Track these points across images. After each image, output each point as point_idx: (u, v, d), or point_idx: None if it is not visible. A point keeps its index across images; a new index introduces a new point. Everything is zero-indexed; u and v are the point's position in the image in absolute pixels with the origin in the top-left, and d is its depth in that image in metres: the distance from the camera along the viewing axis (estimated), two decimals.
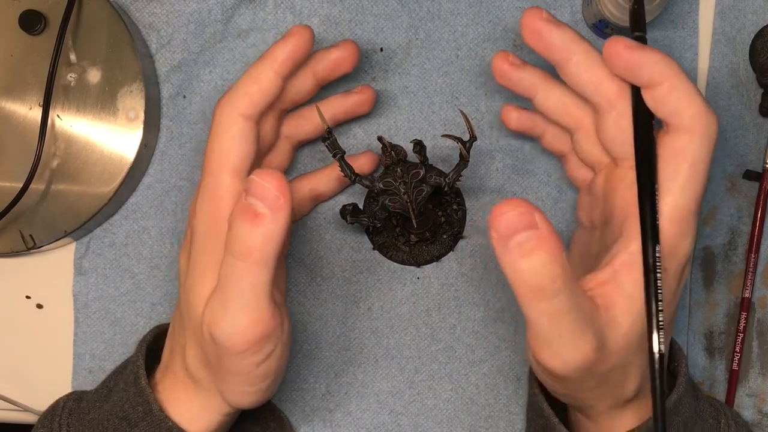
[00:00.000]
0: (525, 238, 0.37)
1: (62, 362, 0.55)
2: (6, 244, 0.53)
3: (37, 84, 0.51)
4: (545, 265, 0.37)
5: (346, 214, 0.50)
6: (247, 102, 0.45)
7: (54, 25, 0.51)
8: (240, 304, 0.40)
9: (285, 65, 0.46)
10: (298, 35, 0.46)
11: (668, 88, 0.41)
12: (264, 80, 0.45)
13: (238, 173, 0.44)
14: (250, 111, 0.45)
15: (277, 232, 0.39)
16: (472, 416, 0.53)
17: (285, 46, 0.46)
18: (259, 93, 0.45)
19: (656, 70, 0.41)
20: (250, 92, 0.45)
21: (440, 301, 0.54)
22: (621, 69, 0.42)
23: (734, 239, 0.53)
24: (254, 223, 0.39)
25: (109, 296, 0.54)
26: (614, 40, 0.42)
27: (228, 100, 0.45)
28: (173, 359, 0.46)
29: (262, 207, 0.39)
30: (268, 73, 0.45)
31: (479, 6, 0.54)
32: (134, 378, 0.45)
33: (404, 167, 0.49)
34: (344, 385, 0.54)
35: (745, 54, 0.53)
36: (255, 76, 0.46)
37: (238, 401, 0.44)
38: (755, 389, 0.53)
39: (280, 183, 0.39)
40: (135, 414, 0.44)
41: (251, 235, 0.39)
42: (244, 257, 0.39)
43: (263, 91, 0.45)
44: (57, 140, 0.52)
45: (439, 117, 0.54)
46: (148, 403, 0.44)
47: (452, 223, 0.53)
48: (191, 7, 0.54)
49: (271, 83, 0.46)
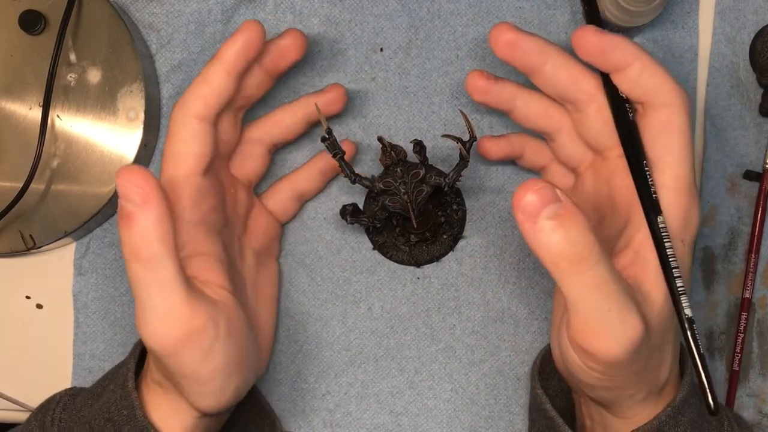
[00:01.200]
0: (553, 210, 0.37)
1: (62, 362, 0.55)
2: (6, 244, 0.53)
3: (37, 84, 0.51)
4: (580, 233, 0.37)
5: (346, 214, 0.50)
6: (200, 104, 0.45)
7: (54, 25, 0.51)
8: (151, 306, 0.40)
9: (236, 64, 0.45)
10: (247, 31, 0.45)
11: (640, 67, 0.42)
12: (215, 80, 0.45)
13: (193, 174, 0.45)
14: (204, 112, 0.45)
15: (151, 226, 0.39)
16: (472, 416, 0.53)
17: (234, 44, 0.45)
18: (211, 94, 0.45)
19: (627, 50, 0.43)
20: (202, 94, 0.45)
21: (440, 301, 0.54)
22: (592, 55, 0.43)
23: (734, 239, 0.53)
24: (128, 224, 0.39)
25: (109, 296, 0.54)
26: (582, 29, 0.43)
27: (181, 103, 0.45)
28: (149, 365, 0.46)
29: (131, 205, 0.39)
30: (219, 73, 0.45)
31: (479, 6, 0.54)
32: (123, 380, 0.45)
33: (404, 167, 0.49)
34: (344, 385, 0.54)
35: (745, 54, 0.53)
36: (206, 77, 0.45)
37: (200, 404, 0.43)
38: (755, 389, 0.53)
39: (140, 177, 0.39)
40: (120, 417, 0.44)
41: (130, 236, 0.39)
42: (134, 259, 0.40)
43: (215, 92, 0.45)
44: (57, 140, 0.52)
45: (439, 117, 0.54)
46: (132, 407, 0.44)
47: (452, 223, 0.53)
48: (191, 7, 0.54)
49: (222, 83, 0.45)
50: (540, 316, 0.53)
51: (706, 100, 0.53)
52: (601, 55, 0.43)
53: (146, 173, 0.39)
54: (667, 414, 0.43)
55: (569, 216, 0.37)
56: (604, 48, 0.43)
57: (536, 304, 0.53)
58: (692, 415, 0.44)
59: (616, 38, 0.43)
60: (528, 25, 0.53)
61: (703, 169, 0.53)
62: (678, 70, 0.53)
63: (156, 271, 0.40)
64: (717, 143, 0.53)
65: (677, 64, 0.53)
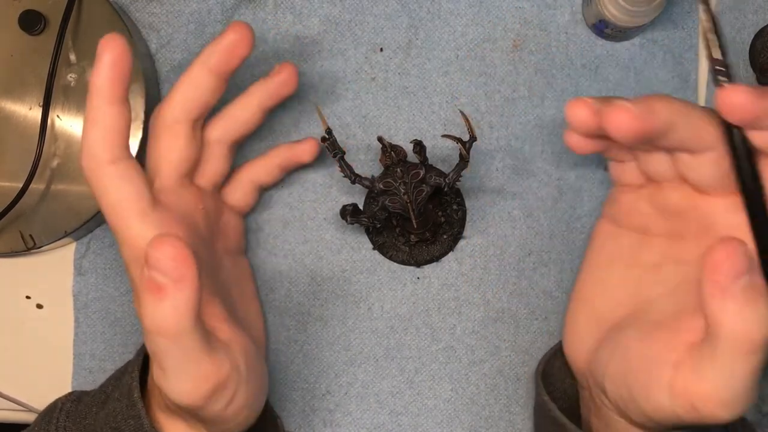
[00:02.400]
0: (750, 283, 0.34)
1: (62, 362, 0.55)
2: (6, 244, 0.53)
3: (37, 84, 0.51)
4: (764, 316, 0.34)
5: (346, 214, 0.50)
6: (104, 148, 0.41)
7: (54, 25, 0.51)
8: (177, 372, 0.38)
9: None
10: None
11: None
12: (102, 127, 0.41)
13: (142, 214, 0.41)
14: (111, 155, 0.41)
15: (186, 302, 0.36)
16: (472, 416, 0.53)
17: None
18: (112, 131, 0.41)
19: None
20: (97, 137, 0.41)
21: (440, 301, 0.54)
22: (747, 121, 0.38)
23: None
24: (159, 297, 0.36)
25: (109, 296, 0.54)
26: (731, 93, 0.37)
27: (86, 153, 0.41)
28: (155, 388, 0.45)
29: (164, 278, 0.36)
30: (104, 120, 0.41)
31: (479, 6, 0.54)
32: (128, 390, 0.44)
33: (404, 167, 0.49)
34: (344, 385, 0.54)
35: (745, 54, 0.53)
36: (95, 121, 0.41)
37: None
38: None
39: (177, 250, 0.36)
40: (127, 426, 0.44)
41: (159, 310, 0.36)
42: (161, 333, 0.37)
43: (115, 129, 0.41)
44: (57, 140, 0.52)
45: (439, 117, 0.54)
46: (139, 417, 0.43)
47: (452, 223, 0.53)
48: (191, 7, 0.54)
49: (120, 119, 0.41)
50: (540, 316, 0.53)
51: (706, 100, 0.53)
52: (758, 120, 0.37)
53: (182, 245, 0.36)
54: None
55: (764, 293, 0.34)
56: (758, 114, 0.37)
57: (536, 304, 0.54)
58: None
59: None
60: (528, 25, 0.53)
61: None
62: (678, 70, 0.53)
63: (182, 342, 0.37)
64: None
65: (677, 64, 0.53)
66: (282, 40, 0.54)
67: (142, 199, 0.41)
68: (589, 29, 0.54)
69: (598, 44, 0.54)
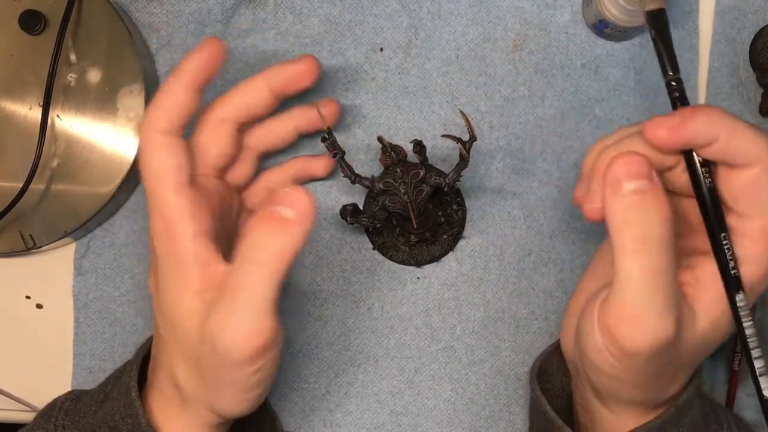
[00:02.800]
0: (639, 185, 0.37)
1: (62, 362, 0.55)
2: (6, 244, 0.53)
3: (37, 84, 0.51)
4: (653, 216, 0.37)
5: (346, 214, 0.50)
6: (163, 118, 0.44)
7: (54, 25, 0.51)
8: (246, 313, 0.40)
9: (197, 79, 0.45)
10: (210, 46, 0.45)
11: (726, 139, 0.39)
12: (176, 95, 0.45)
13: (179, 188, 0.44)
14: (168, 125, 0.44)
15: (301, 238, 0.39)
16: (472, 416, 0.53)
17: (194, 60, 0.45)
18: (175, 107, 0.44)
19: (708, 131, 0.39)
20: (163, 107, 0.44)
21: (440, 301, 0.54)
22: (675, 147, 0.40)
23: None
24: (281, 227, 0.39)
25: (109, 296, 0.54)
26: (653, 126, 0.39)
27: (146, 119, 0.44)
28: (156, 378, 0.46)
29: (291, 213, 0.39)
30: (179, 87, 0.45)
31: (479, 6, 0.54)
32: (126, 389, 0.45)
33: (404, 167, 0.49)
34: (344, 385, 0.54)
35: (745, 54, 0.53)
36: (167, 91, 0.45)
37: (230, 410, 0.44)
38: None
39: (309, 195, 0.40)
40: (124, 426, 0.44)
41: (275, 240, 0.39)
42: (263, 264, 0.39)
43: (178, 105, 0.44)
44: (57, 140, 0.52)
45: (439, 117, 0.54)
46: (137, 416, 0.44)
47: (452, 223, 0.53)
48: (191, 7, 0.54)
49: (183, 96, 0.45)
50: (540, 316, 0.53)
51: (706, 100, 0.53)
52: (684, 145, 0.40)
53: (308, 192, 0.40)
54: (670, 414, 0.43)
55: (653, 196, 0.37)
56: (685, 140, 0.39)
57: (536, 304, 0.53)
58: (694, 417, 0.44)
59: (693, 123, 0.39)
60: (528, 25, 0.53)
61: None
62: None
63: (270, 284, 0.39)
64: None
65: None
66: (282, 40, 0.54)
67: (181, 175, 0.44)
68: (589, 29, 0.54)
69: (598, 44, 0.54)
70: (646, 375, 0.41)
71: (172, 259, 0.43)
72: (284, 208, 0.39)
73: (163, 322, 0.44)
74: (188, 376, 0.44)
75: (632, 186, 0.37)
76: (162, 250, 0.43)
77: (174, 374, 0.44)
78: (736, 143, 0.39)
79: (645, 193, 0.37)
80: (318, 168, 0.53)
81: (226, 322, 0.40)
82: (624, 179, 0.37)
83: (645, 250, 0.37)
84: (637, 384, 0.42)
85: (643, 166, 0.38)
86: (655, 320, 0.38)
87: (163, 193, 0.43)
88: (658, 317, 0.38)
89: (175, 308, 0.42)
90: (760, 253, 0.40)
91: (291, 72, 0.49)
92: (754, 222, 0.39)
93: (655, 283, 0.38)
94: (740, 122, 0.39)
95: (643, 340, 0.38)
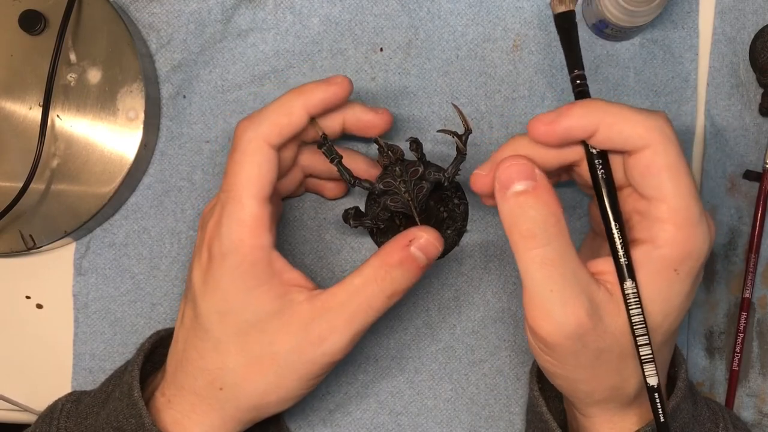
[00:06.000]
0: (522, 186, 0.40)
1: (62, 362, 0.55)
2: (6, 244, 0.53)
3: (37, 84, 0.51)
4: (538, 212, 0.39)
5: (349, 218, 0.50)
6: (275, 132, 0.45)
7: (54, 25, 0.51)
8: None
9: (318, 107, 0.46)
10: (340, 86, 0.46)
11: (606, 128, 0.40)
12: (295, 115, 0.45)
13: (262, 200, 0.44)
14: (277, 141, 0.45)
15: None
16: (472, 416, 0.53)
17: (325, 90, 0.46)
18: (289, 126, 0.45)
19: (585, 123, 0.41)
20: (279, 123, 0.45)
21: (440, 301, 0.54)
22: (557, 142, 0.42)
23: (734, 239, 0.53)
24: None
25: (109, 296, 0.54)
26: (533, 123, 0.42)
27: (256, 125, 0.45)
28: (182, 377, 0.46)
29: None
30: (300, 109, 0.45)
31: (479, 6, 0.54)
32: (128, 389, 0.45)
33: (403, 166, 0.49)
34: (344, 385, 0.54)
35: (745, 54, 0.53)
36: (287, 108, 0.45)
37: (283, 405, 0.46)
38: (755, 389, 0.53)
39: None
40: (128, 425, 0.44)
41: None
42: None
43: (292, 125, 0.45)
44: (57, 140, 0.52)
45: (438, 117, 0.54)
46: (140, 416, 0.44)
47: (455, 218, 0.53)
48: (191, 7, 0.54)
49: (300, 119, 0.45)
50: None
51: (706, 100, 0.53)
52: (565, 139, 0.41)
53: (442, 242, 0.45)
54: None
55: (536, 194, 0.40)
56: (565, 134, 0.41)
57: None
58: (684, 420, 0.44)
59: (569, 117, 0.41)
60: (528, 25, 0.53)
61: (703, 169, 0.53)
62: (678, 70, 0.53)
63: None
64: (717, 143, 0.53)
65: (677, 64, 0.53)
66: (282, 40, 0.54)
67: (267, 187, 0.45)
68: (589, 29, 0.54)
69: (598, 44, 0.54)
70: (583, 368, 0.41)
71: (234, 262, 0.44)
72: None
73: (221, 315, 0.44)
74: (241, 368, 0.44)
75: (518, 187, 0.40)
76: (225, 250, 0.44)
77: (223, 366, 0.44)
78: (619, 129, 0.40)
79: (528, 192, 0.40)
80: (329, 191, 0.53)
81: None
82: (507, 182, 0.40)
83: (535, 243, 0.39)
84: (581, 379, 0.42)
85: (524, 167, 0.40)
86: (561, 309, 0.39)
87: (247, 200, 0.44)
88: (562, 306, 0.39)
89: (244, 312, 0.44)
90: (675, 233, 0.40)
91: (367, 118, 0.49)
92: (660, 205, 0.40)
93: (550, 273, 0.39)
94: (624, 109, 0.41)
95: (556, 329, 0.40)
